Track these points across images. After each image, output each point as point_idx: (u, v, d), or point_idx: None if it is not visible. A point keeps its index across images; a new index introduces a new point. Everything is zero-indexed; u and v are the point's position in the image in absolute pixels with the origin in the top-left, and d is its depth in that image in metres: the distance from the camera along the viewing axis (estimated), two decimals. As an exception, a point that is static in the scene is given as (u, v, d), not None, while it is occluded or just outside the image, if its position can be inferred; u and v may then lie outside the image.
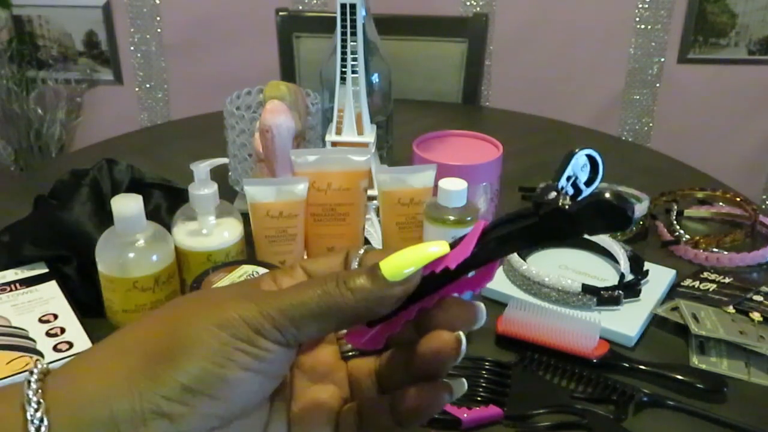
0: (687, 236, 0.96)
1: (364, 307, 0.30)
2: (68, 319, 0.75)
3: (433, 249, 0.30)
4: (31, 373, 0.31)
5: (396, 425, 0.33)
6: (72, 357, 0.33)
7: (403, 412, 0.33)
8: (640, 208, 0.96)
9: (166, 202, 0.86)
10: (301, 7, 2.06)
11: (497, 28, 2.02)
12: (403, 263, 0.30)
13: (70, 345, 0.71)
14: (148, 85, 2.18)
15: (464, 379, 0.33)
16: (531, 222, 0.31)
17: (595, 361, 0.72)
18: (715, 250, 0.93)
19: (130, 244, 0.70)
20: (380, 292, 0.30)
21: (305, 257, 0.77)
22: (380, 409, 0.34)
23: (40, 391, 0.30)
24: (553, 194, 0.30)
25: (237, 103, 1.08)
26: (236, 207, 0.84)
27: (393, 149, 1.14)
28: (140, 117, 2.23)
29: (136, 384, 0.29)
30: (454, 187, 0.72)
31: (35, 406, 0.30)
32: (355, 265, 0.33)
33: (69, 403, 0.30)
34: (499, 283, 0.86)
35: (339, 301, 0.30)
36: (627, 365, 0.73)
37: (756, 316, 0.77)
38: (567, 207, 0.30)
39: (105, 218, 0.75)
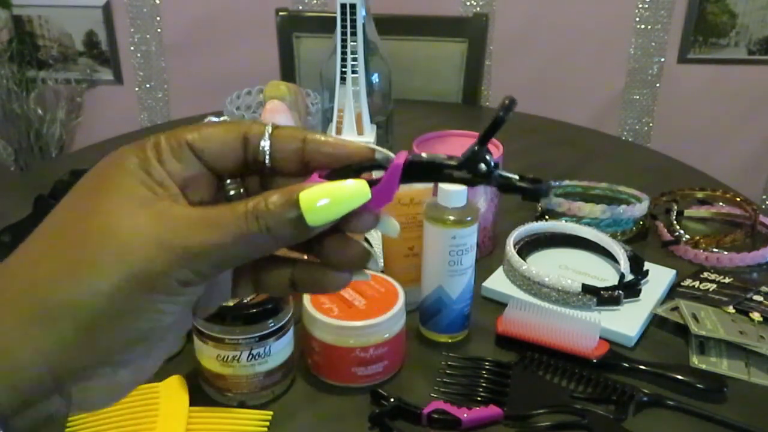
0: (687, 236, 0.96)
1: (277, 248, 0.29)
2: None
3: (359, 195, 0.29)
4: None
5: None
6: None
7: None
8: (641, 208, 0.96)
9: (166, 202, 0.86)
10: (301, 7, 2.06)
11: (497, 28, 2.02)
12: (328, 212, 0.28)
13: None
14: (148, 85, 2.18)
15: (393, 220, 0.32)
16: (450, 167, 0.31)
17: (595, 361, 0.72)
18: (715, 250, 0.93)
19: (130, 244, 0.70)
20: (301, 237, 0.29)
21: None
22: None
23: None
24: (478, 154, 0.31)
25: (237, 103, 1.08)
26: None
27: (393, 149, 1.14)
28: (140, 117, 2.23)
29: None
30: (454, 187, 0.72)
31: None
32: (265, 147, 0.30)
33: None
34: (499, 283, 0.86)
35: (260, 246, 0.29)
36: (627, 365, 0.73)
37: (756, 316, 0.77)
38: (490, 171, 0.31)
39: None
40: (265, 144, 0.31)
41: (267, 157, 0.31)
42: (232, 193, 0.32)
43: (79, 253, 0.27)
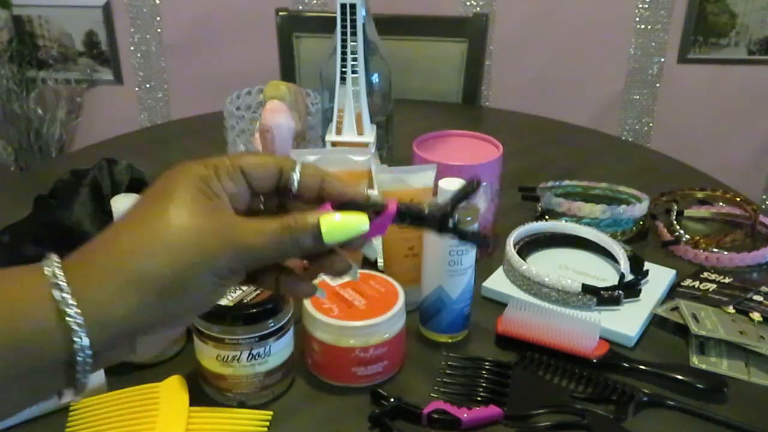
0: (687, 236, 0.96)
1: (302, 255, 0.42)
2: (68, 319, 0.75)
3: (363, 227, 0.40)
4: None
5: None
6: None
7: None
8: (641, 208, 0.96)
9: (166, 202, 0.86)
10: (301, 7, 2.07)
11: (497, 28, 2.02)
12: (340, 235, 0.40)
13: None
14: (148, 85, 2.18)
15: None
16: (426, 220, 0.44)
17: (595, 361, 0.72)
18: (715, 250, 0.93)
19: (130, 244, 0.70)
20: (318, 249, 0.41)
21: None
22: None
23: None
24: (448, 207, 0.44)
25: (237, 103, 1.08)
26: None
27: (393, 149, 1.14)
28: (140, 117, 2.23)
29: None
30: (454, 187, 0.72)
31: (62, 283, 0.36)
32: (295, 178, 0.41)
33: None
34: (499, 283, 0.86)
35: (288, 251, 0.40)
36: (627, 365, 0.73)
37: (756, 316, 0.77)
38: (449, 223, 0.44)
39: (105, 218, 0.75)
40: (296, 176, 0.41)
41: (294, 186, 0.41)
42: (262, 207, 0.43)
43: (161, 238, 0.37)
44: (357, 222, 0.40)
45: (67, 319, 0.35)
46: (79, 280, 0.36)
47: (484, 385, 0.71)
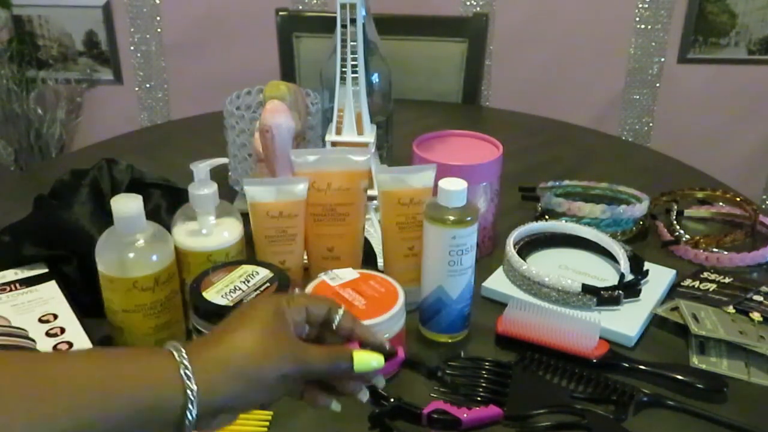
0: (687, 236, 0.96)
1: (335, 376, 0.55)
2: (68, 319, 0.75)
3: (378, 365, 0.54)
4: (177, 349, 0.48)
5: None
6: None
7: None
8: (641, 208, 0.96)
9: (166, 202, 0.86)
10: (301, 7, 2.06)
11: (497, 28, 2.02)
12: (363, 367, 0.54)
13: (70, 345, 0.71)
14: (148, 85, 2.18)
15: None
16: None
17: (595, 361, 0.72)
18: (715, 250, 0.93)
19: (130, 244, 0.70)
20: (347, 374, 0.54)
21: (305, 258, 0.78)
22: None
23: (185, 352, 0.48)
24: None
25: (237, 103, 1.08)
26: (236, 207, 0.84)
27: (393, 149, 1.14)
28: (140, 117, 2.22)
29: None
30: (454, 187, 0.72)
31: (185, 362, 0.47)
32: (337, 319, 0.56)
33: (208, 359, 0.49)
34: (499, 283, 0.86)
35: (330, 371, 0.54)
36: (627, 365, 0.73)
37: (756, 316, 0.77)
38: None
39: (105, 218, 0.75)
40: (338, 318, 0.56)
41: (335, 325, 0.55)
42: (307, 334, 0.55)
43: (256, 348, 0.50)
44: (377, 359, 0.54)
45: (188, 392, 0.46)
46: (197, 366, 0.47)
47: (484, 385, 0.71)
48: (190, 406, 0.46)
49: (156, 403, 0.46)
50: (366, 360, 0.54)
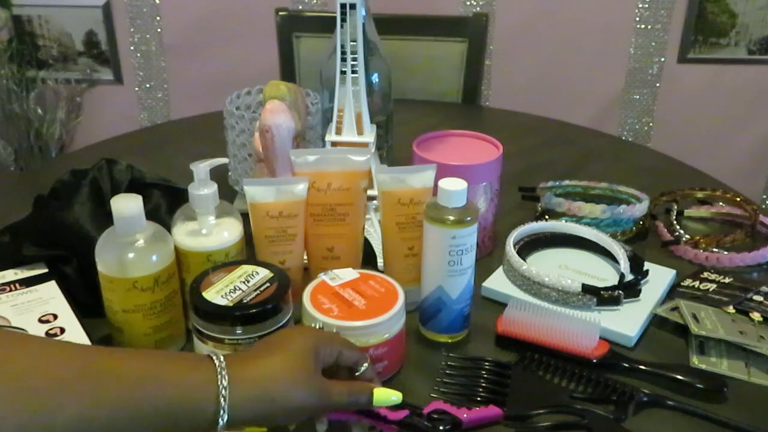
0: (687, 236, 0.96)
1: (355, 409, 0.61)
2: (68, 319, 0.75)
3: (396, 401, 0.60)
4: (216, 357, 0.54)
5: None
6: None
7: None
8: (641, 208, 0.96)
9: (166, 202, 0.86)
10: (301, 7, 2.06)
11: (497, 28, 2.02)
12: (382, 402, 0.60)
13: (70, 345, 0.71)
14: (148, 85, 2.18)
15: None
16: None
17: (595, 361, 0.72)
18: (715, 250, 0.93)
19: (130, 244, 0.70)
20: (368, 406, 0.60)
21: (305, 258, 0.80)
22: None
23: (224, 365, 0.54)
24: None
25: (237, 103, 1.08)
26: (236, 207, 0.84)
27: (393, 149, 1.14)
28: (140, 117, 2.22)
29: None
30: (454, 187, 0.72)
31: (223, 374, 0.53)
32: (362, 369, 0.62)
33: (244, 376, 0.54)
34: (499, 283, 0.86)
35: (350, 405, 0.59)
36: (627, 365, 0.73)
37: (756, 316, 0.77)
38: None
39: (105, 218, 0.75)
40: (362, 369, 0.62)
41: (358, 374, 0.62)
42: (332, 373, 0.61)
43: (286, 376, 0.55)
44: (395, 395, 0.60)
45: (221, 398, 0.52)
46: (234, 381, 0.53)
47: (484, 385, 0.71)
48: (222, 413, 0.52)
49: (191, 406, 0.51)
50: (386, 395, 0.60)
